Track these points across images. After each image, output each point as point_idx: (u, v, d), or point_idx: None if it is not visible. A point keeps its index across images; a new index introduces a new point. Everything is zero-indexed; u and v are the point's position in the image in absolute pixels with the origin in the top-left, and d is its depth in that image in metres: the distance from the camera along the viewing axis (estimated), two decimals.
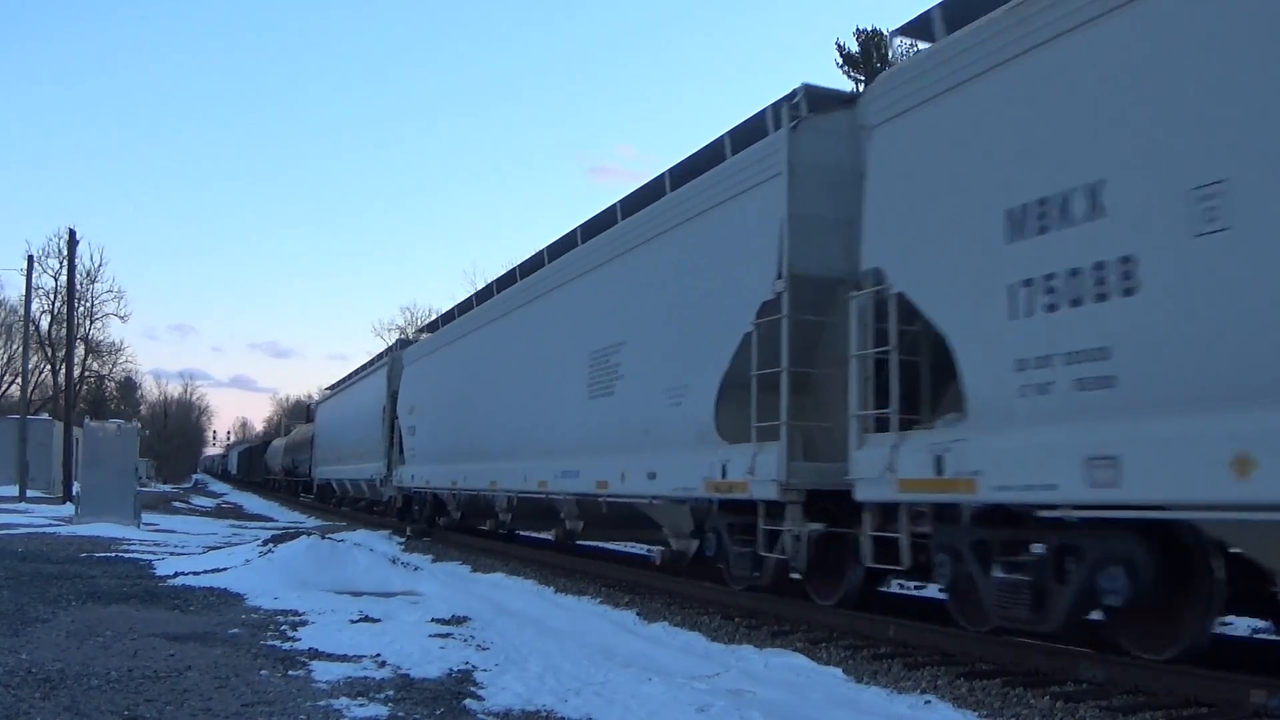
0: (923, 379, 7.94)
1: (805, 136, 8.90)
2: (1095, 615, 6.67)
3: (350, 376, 34.11)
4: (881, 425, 7.77)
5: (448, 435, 19.20)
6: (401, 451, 22.93)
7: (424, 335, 24.54)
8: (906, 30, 8.16)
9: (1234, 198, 5.16)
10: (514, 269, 16.90)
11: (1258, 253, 5.06)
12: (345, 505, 33.65)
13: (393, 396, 24.17)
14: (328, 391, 40.16)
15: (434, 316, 26.16)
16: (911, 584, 11.88)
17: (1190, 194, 5.36)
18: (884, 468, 7.52)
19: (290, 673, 6.04)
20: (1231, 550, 5.83)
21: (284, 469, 50.47)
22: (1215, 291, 5.26)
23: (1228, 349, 5.22)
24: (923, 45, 8.08)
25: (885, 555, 7.85)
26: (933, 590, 11.63)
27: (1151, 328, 5.59)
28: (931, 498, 7.28)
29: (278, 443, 58.36)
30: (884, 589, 11.89)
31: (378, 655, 6.68)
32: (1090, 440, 5.85)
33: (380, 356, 29.02)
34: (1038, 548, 6.64)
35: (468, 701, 5.44)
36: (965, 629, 7.50)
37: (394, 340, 29.09)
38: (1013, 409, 6.46)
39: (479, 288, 19.98)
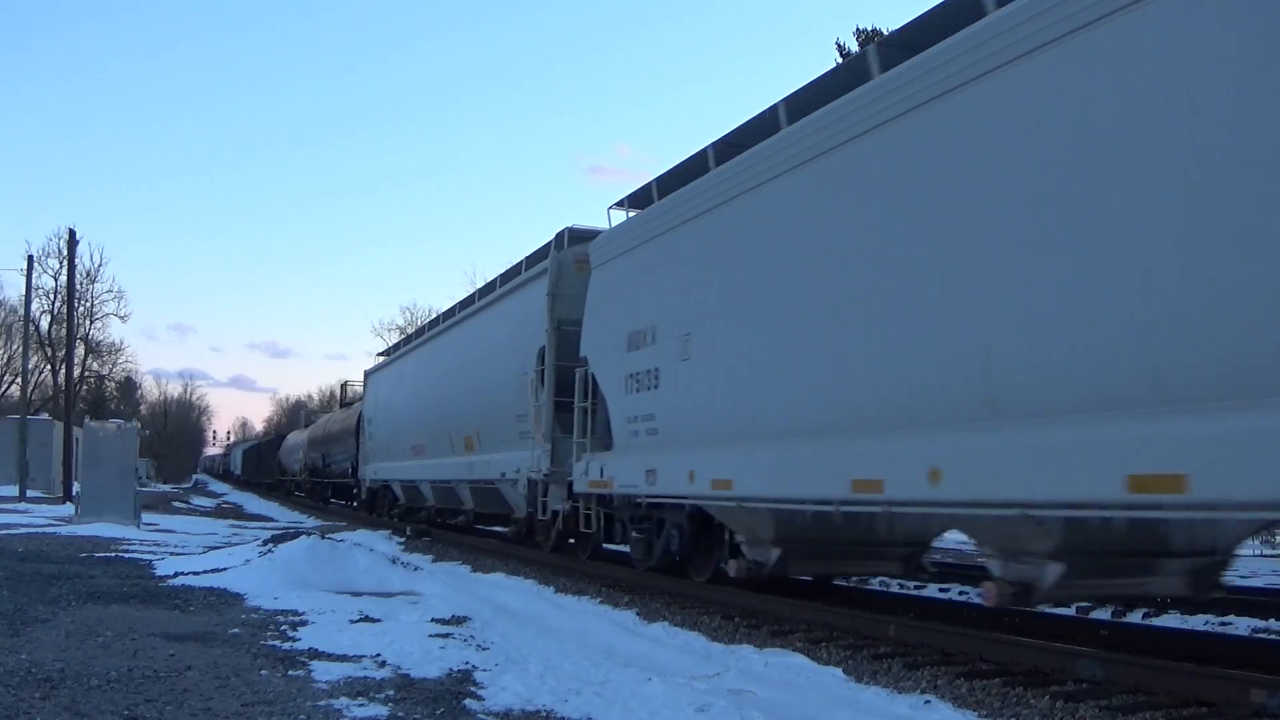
0: None
1: None
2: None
3: (438, 322, 21.75)
4: None
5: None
6: (586, 429, 12.43)
7: (630, 215, 12.38)
8: None
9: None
10: None
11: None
12: (419, 520, 22.61)
13: (560, 328, 13.59)
14: (382, 359, 29.10)
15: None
16: (911, 584, 11.90)
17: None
18: None
19: (290, 673, 6.03)
20: None
21: (307, 468, 41.00)
22: None
23: None
24: None
25: None
26: (932, 590, 11.67)
27: None
28: None
29: (296, 436, 47.45)
30: (883, 589, 11.92)
31: (378, 655, 6.68)
32: None
33: (518, 269, 16.17)
34: None
35: (468, 701, 5.43)
36: None
37: (552, 239, 14.81)
38: None
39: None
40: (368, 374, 28.86)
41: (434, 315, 25.58)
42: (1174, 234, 5.52)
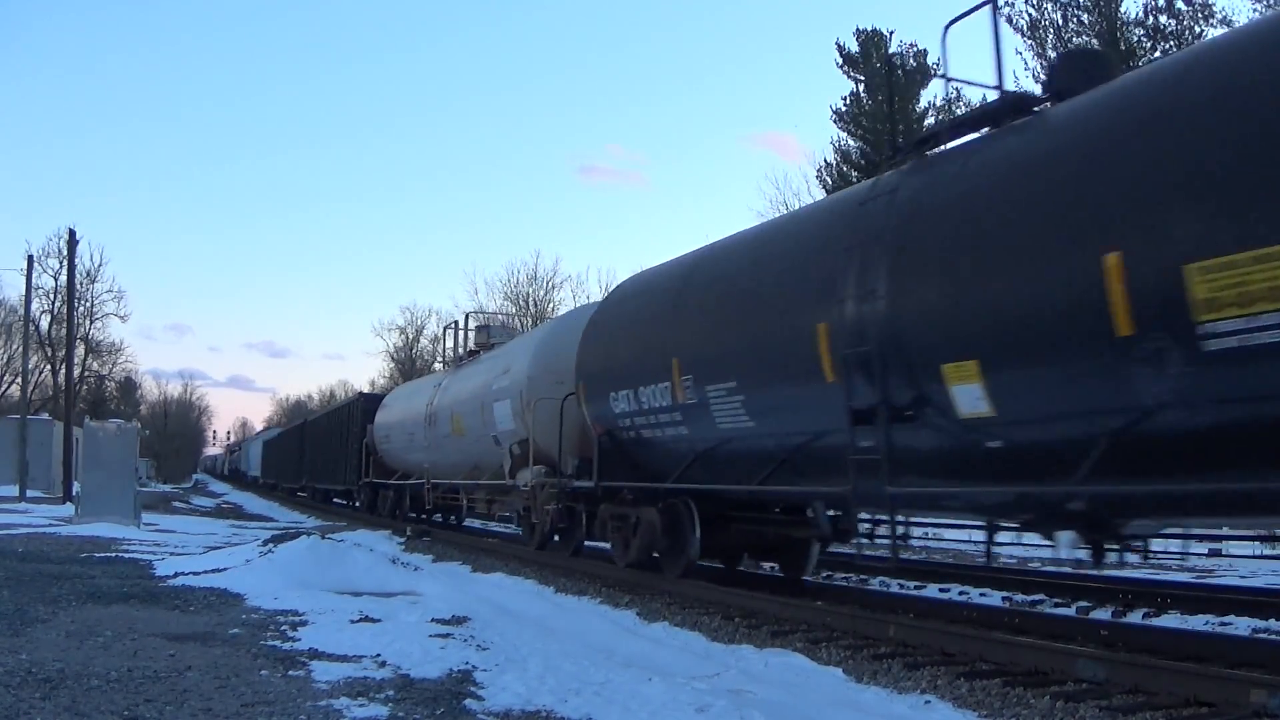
0: None
1: None
2: None
3: None
4: None
5: None
6: None
7: None
8: None
9: None
10: None
11: None
12: None
13: None
14: None
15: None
16: (911, 584, 11.91)
17: None
18: None
19: (290, 673, 6.03)
20: None
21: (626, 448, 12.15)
22: None
23: None
24: None
25: None
26: (932, 590, 11.67)
27: None
28: None
29: (455, 382, 19.95)
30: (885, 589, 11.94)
31: (378, 655, 6.67)
32: None
33: None
34: None
35: (468, 702, 5.43)
36: None
37: None
38: None
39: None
40: None
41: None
42: None
